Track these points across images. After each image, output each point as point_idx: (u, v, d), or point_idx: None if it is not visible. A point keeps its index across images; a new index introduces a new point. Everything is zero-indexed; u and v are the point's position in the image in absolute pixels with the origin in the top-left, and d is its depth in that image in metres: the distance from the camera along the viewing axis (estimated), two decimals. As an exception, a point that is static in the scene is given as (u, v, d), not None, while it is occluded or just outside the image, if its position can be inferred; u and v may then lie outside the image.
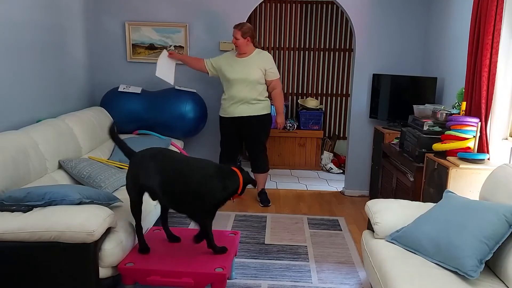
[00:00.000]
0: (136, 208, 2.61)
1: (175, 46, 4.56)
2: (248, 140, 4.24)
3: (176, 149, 4.25)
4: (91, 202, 2.53)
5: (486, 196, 2.48)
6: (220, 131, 4.29)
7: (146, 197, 2.70)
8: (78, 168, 3.18)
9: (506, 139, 3.03)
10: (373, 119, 4.61)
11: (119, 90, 4.28)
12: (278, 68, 6.32)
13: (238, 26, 4.01)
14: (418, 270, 2.16)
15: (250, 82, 4.02)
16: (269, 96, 4.24)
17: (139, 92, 4.31)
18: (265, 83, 4.13)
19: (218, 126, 4.30)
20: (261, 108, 4.13)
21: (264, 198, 4.41)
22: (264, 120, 4.18)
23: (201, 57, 4.39)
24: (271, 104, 4.14)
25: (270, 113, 4.26)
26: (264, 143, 4.31)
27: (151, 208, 3.09)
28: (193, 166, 2.53)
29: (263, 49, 6.21)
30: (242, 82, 4.03)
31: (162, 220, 2.82)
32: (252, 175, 4.43)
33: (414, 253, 2.34)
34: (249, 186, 2.62)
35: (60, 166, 3.19)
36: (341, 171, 5.70)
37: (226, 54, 4.23)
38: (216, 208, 2.58)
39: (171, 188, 2.48)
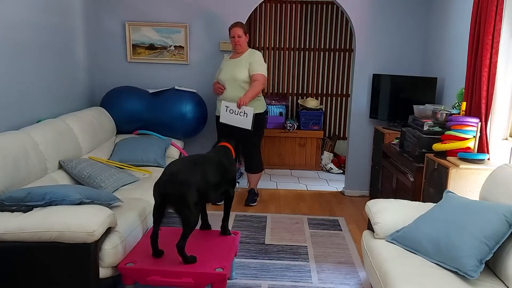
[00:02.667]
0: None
1: (175, 46, 4.57)
2: (241, 139, 4.21)
3: (176, 149, 4.25)
4: (91, 202, 2.53)
5: (486, 196, 2.48)
6: (217, 129, 4.30)
7: (147, 196, 2.70)
8: (78, 168, 3.18)
9: (506, 139, 3.04)
10: (373, 119, 4.61)
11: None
12: (278, 68, 6.36)
13: (237, 24, 4.03)
14: (418, 270, 2.16)
15: (238, 82, 4.01)
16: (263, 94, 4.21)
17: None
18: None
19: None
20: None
21: (250, 198, 4.39)
22: (256, 120, 4.09)
23: (200, 58, 4.50)
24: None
25: (263, 112, 4.21)
26: (256, 143, 4.27)
27: (151, 209, 3.09)
28: (215, 158, 2.87)
29: (258, 49, 6.28)
30: (231, 82, 4.04)
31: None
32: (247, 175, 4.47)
33: (414, 253, 2.34)
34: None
35: (60, 166, 3.20)
36: (341, 171, 5.70)
37: (223, 60, 4.27)
38: None
39: (219, 180, 2.79)
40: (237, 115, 3.99)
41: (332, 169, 5.78)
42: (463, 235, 2.16)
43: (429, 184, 3.07)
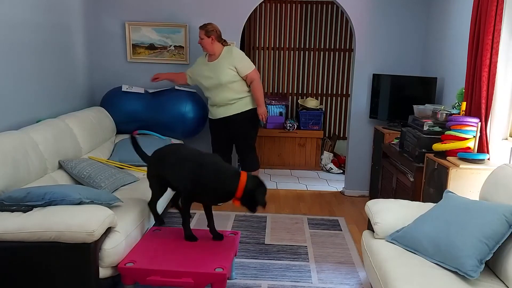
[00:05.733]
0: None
1: (175, 46, 4.57)
2: (235, 138, 4.21)
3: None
4: (91, 202, 2.53)
5: (486, 196, 2.48)
6: (210, 133, 4.30)
7: (147, 196, 2.70)
8: (78, 168, 3.18)
9: (506, 139, 3.03)
10: (373, 119, 4.61)
11: (122, 90, 4.28)
12: (278, 68, 6.36)
13: (202, 26, 3.97)
14: (418, 270, 2.16)
15: (223, 85, 3.97)
16: None
17: (142, 92, 4.31)
18: (242, 79, 4.02)
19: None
20: (243, 104, 4.06)
21: None
22: (249, 116, 4.08)
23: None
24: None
25: (255, 108, 4.14)
26: (251, 139, 4.23)
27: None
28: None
29: (258, 50, 6.29)
30: (216, 87, 4.00)
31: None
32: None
33: (414, 253, 2.34)
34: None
35: (60, 166, 3.19)
36: (341, 171, 5.70)
37: (198, 60, 4.18)
38: None
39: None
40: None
41: (332, 169, 5.78)
42: (463, 235, 2.16)
43: (429, 184, 3.07)
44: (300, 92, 6.44)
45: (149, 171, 2.99)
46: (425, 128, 3.23)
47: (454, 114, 3.23)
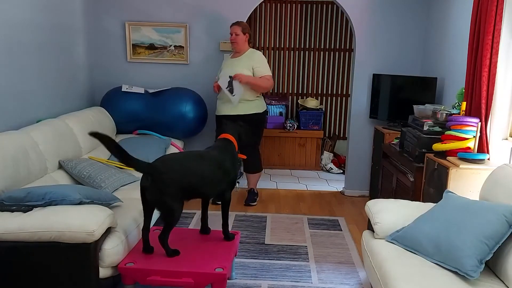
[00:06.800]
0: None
1: (175, 46, 4.57)
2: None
3: (176, 149, 4.24)
4: (91, 202, 2.53)
5: (486, 196, 2.48)
6: (216, 130, 4.31)
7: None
8: (78, 168, 3.18)
9: (506, 139, 3.03)
10: (373, 119, 4.61)
11: (122, 90, 4.28)
12: (278, 68, 6.36)
13: (237, 23, 4.08)
14: (418, 270, 2.16)
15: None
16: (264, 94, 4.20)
17: (142, 92, 4.31)
18: None
19: (219, 126, 4.31)
20: (250, 107, 4.09)
21: (249, 198, 4.39)
22: (254, 120, 4.09)
23: (200, 58, 4.54)
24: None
25: (263, 113, 4.19)
26: (256, 143, 4.25)
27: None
28: (213, 154, 2.77)
29: (258, 49, 6.28)
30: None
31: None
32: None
33: (414, 253, 2.34)
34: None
35: (60, 166, 3.20)
36: (341, 171, 5.70)
37: (224, 59, 4.27)
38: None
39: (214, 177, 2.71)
40: (227, 88, 4.01)
41: (332, 169, 5.78)
42: (463, 235, 2.16)
43: (429, 184, 3.07)
44: (300, 92, 6.44)
45: (170, 184, 2.45)
46: (425, 128, 3.23)
47: (454, 114, 3.23)
